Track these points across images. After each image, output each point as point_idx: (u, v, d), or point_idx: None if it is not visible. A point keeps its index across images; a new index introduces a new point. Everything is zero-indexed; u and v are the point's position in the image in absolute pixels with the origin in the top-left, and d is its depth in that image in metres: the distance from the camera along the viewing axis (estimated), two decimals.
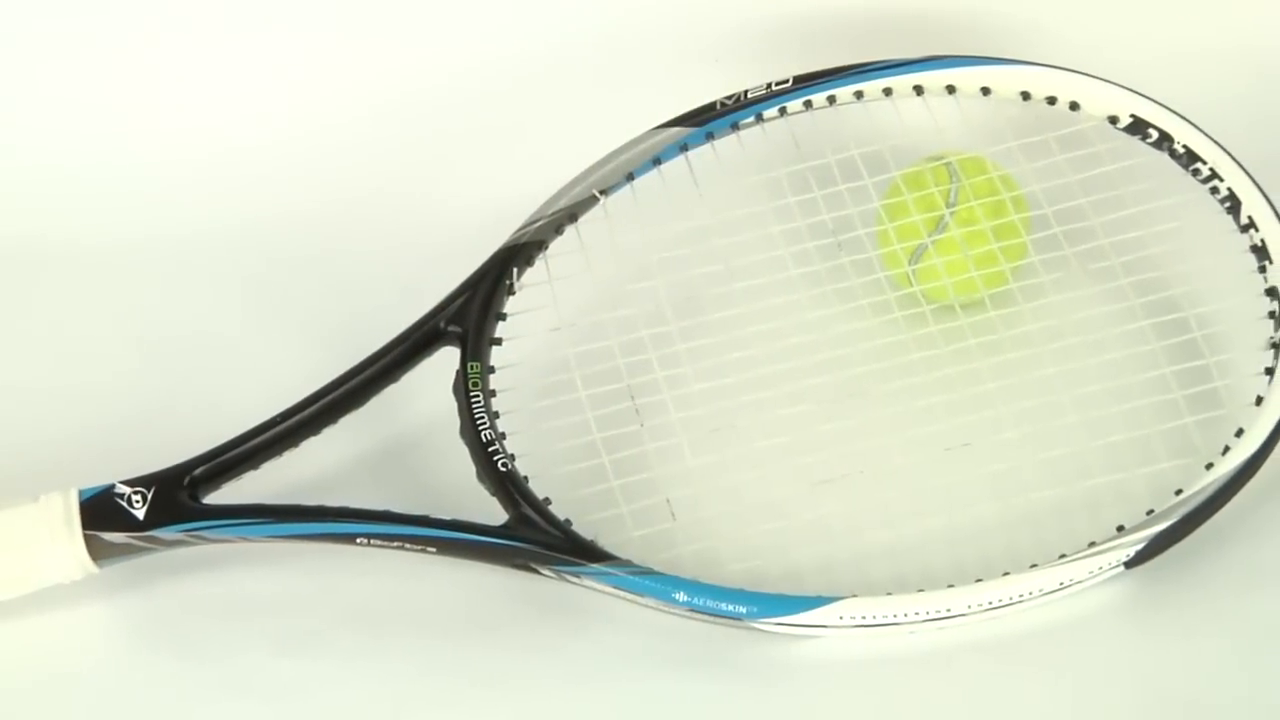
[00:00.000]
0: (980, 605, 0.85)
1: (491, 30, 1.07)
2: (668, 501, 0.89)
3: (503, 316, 0.93)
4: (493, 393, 0.90)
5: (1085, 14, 1.06)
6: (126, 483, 0.88)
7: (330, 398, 0.91)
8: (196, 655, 0.89)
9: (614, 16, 1.06)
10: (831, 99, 0.97)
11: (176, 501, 0.88)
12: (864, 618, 0.85)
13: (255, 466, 0.90)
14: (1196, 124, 0.94)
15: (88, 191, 1.06)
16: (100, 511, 0.87)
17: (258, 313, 1.01)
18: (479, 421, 0.89)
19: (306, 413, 0.90)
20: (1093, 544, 0.86)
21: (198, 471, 0.89)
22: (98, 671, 0.89)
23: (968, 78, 0.97)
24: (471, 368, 0.91)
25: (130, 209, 1.05)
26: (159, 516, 0.87)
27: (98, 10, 1.05)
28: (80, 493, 0.88)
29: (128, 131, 1.07)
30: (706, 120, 0.97)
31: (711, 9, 1.06)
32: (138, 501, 0.87)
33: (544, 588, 0.88)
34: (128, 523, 0.87)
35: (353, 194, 1.05)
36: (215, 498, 0.89)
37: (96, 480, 0.88)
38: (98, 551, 0.87)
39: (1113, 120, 0.96)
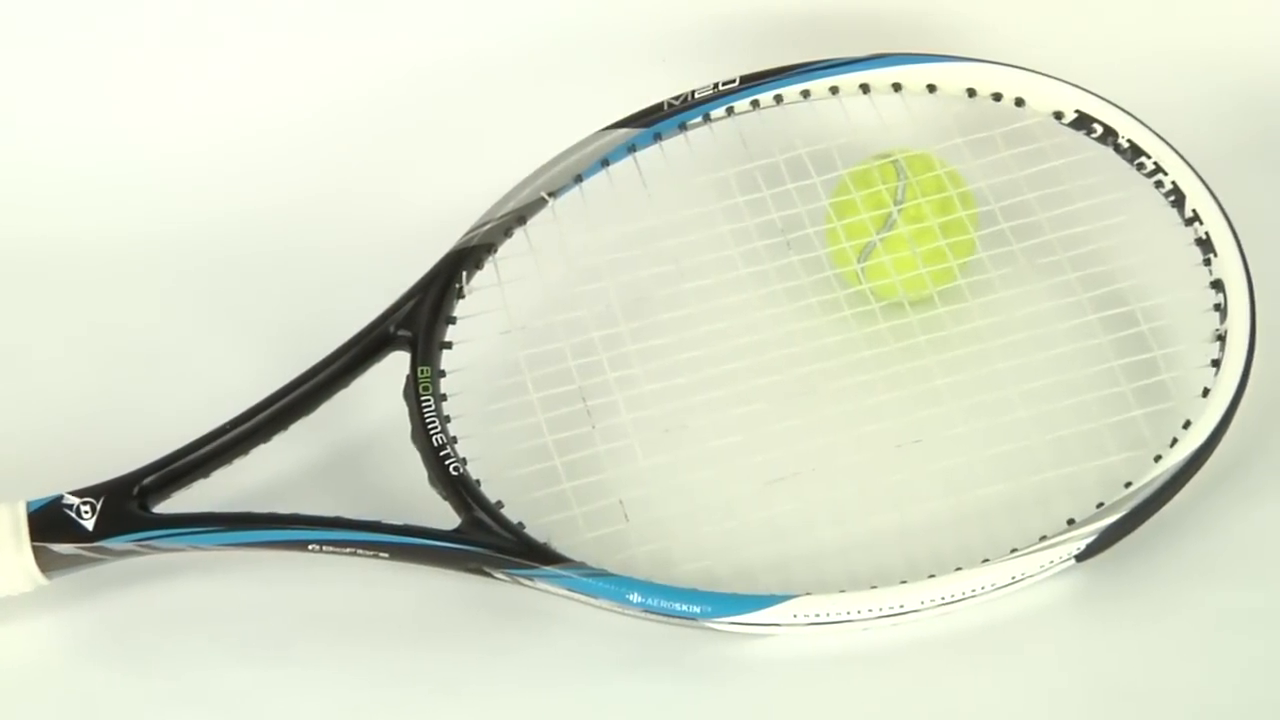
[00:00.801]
0: (933, 601, 0.85)
1: (436, 33, 1.06)
2: (620, 503, 0.89)
3: (453, 320, 0.93)
4: (444, 397, 0.90)
5: (1030, 12, 1.06)
6: (75, 493, 0.87)
7: (280, 404, 0.90)
8: (149, 666, 0.88)
9: (559, 18, 1.06)
10: (778, 98, 0.97)
11: (126, 511, 0.87)
12: (817, 615, 0.85)
13: (205, 475, 0.89)
14: (1141, 119, 0.95)
15: (30, 192, 1.05)
16: (49, 523, 0.87)
17: (205, 318, 1.01)
18: (430, 426, 0.89)
19: (256, 420, 0.90)
20: (1044, 538, 0.86)
21: (147, 481, 0.88)
22: (49, 684, 0.88)
23: (913, 75, 0.97)
24: (422, 372, 0.91)
25: (75, 211, 1.05)
26: (109, 527, 0.87)
27: (43, 10, 1.04)
28: (28, 504, 0.87)
29: (71, 131, 1.06)
30: (654, 121, 0.97)
31: (658, 9, 1.06)
32: (87, 512, 0.87)
33: (497, 591, 0.88)
34: (77, 533, 0.87)
35: (297, 198, 1.05)
36: (165, 507, 0.89)
37: (44, 491, 0.88)
38: (47, 563, 0.87)
39: (1058, 116, 0.96)
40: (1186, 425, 0.88)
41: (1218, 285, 0.91)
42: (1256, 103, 1.04)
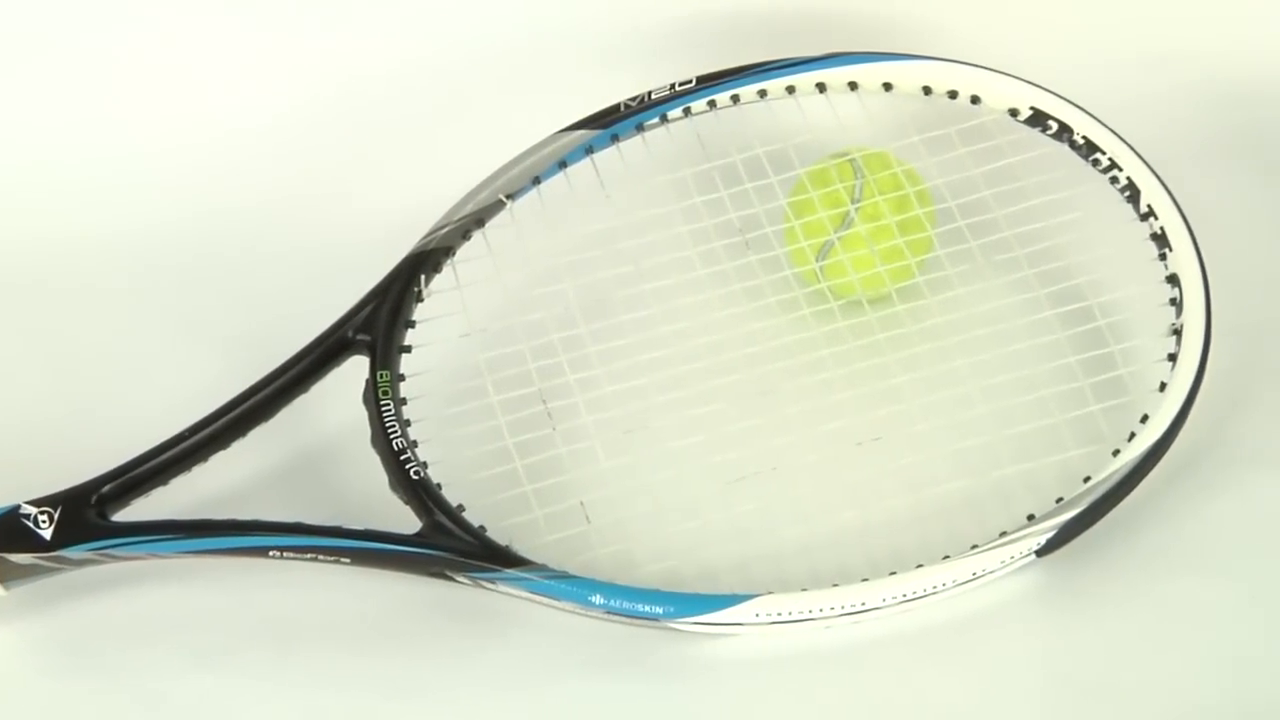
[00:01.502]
0: (894, 598, 0.85)
1: (392, 37, 1.06)
2: (582, 504, 0.89)
3: (412, 324, 0.93)
4: (403, 401, 0.90)
5: (985, 12, 1.06)
6: (32, 503, 0.87)
7: (239, 410, 0.90)
8: (109, 674, 0.88)
9: (515, 21, 1.06)
10: (735, 98, 0.98)
11: (84, 520, 0.87)
12: (779, 614, 0.85)
13: (164, 482, 0.89)
14: (1095, 115, 0.95)
15: None
16: (6, 532, 0.86)
17: (162, 323, 1.00)
18: (390, 430, 0.89)
19: (215, 426, 0.90)
20: (1004, 534, 0.87)
21: (105, 489, 0.88)
22: (8, 695, 0.88)
23: (870, 74, 0.97)
24: (381, 376, 0.90)
25: (27, 214, 1.04)
26: (67, 536, 0.86)
27: None
28: None
29: (20, 135, 1.05)
30: (611, 122, 0.97)
31: (614, 11, 1.06)
32: (44, 521, 0.86)
33: (460, 595, 0.88)
34: (35, 543, 0.86)
35: (254, 202, 1.04)
36: (124, 515, 0.88)
37: (0, 501, 0.87)
38: (4, 573, 0.86)
39: (1013, 113, 0.97)
40: (1144, 420, 0.88)
41: (1173, 280, 0.91)
42: (1209, 99, 1.05)
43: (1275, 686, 0.84)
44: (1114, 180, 0.94)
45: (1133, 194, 0.94)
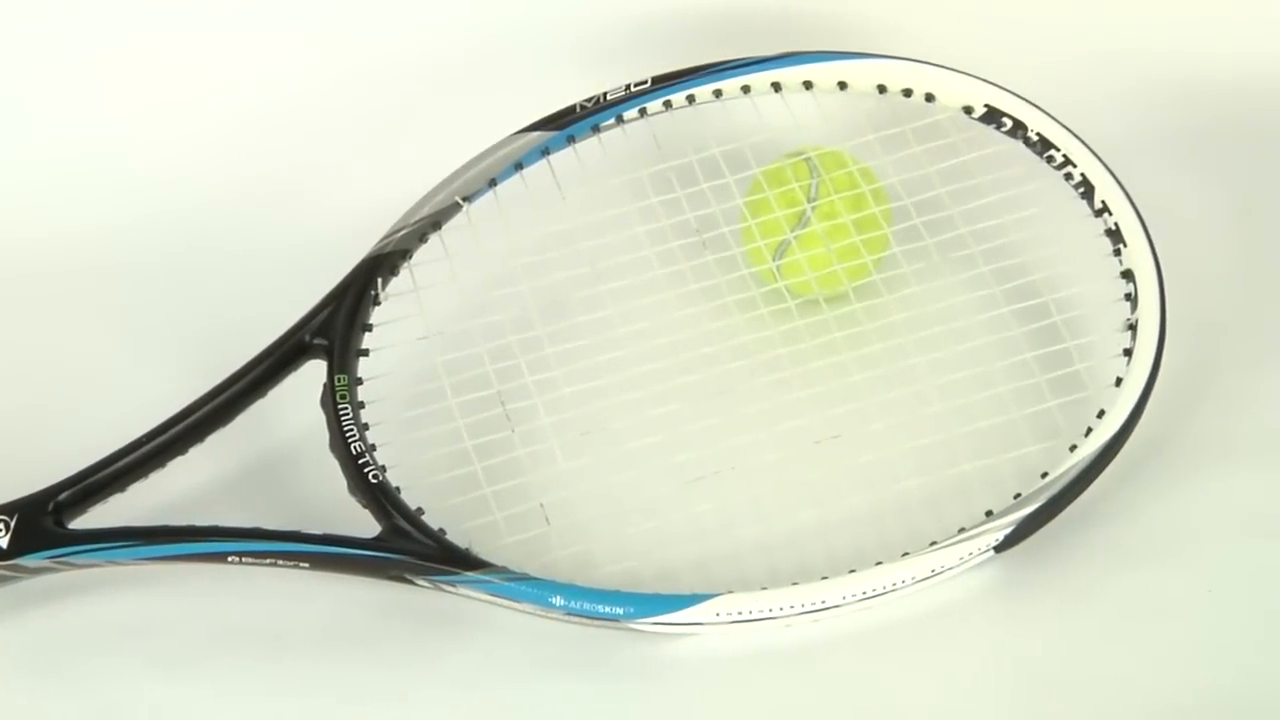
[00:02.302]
0: (854, 595, 0.86)
1: (346, 38, 1.06)
2: (541, 506, 0.89)
3: (369, 327, 0.92)
4: (361, 404, 0.90)
5: (940, 12, 1.07)
6: None
7: (196, 416, 0.90)
8: (68, 683, 0.87)
9: (471, 22, 1.06)
10: (691, 98, 0.98)
11: (41, 528, 0.87)
12: (739, 613, 0.85)
13: (122, 489, 0.89)
14: (1049, 112, 0.96)
15: None
16: None
17: (117, 329, 1.00)
18: (348, 434, 0.89)
19: (172, 432, 0.89)
20: (962, 530, 0.87)
21: (62, 496, 0.88)
22: None
23: (824, 73, 0.97)
24: (339, 380, 0.90)
25: None
26: (23, 544, 0.86)
27: None
28: None
29: None
30: (567, 123, 0.97)
31: (569, 12, 1.06)
32: (0, 530, 0.86)
33: (420, 598, 0.88)
34: None
35: (208, 204, 1.04)
36: (81, 522, 0.88)
37: None
38: None
39: (967, 110, 0.97)
40: (1100, 415, 0.89)
41: (1128, 275, 0.92)
42: (1162, 97, 1.05)
43: (1233, 677, 0.84)
44: (1068, 177, 0.95)
45: (1087, 190, 0.94)
